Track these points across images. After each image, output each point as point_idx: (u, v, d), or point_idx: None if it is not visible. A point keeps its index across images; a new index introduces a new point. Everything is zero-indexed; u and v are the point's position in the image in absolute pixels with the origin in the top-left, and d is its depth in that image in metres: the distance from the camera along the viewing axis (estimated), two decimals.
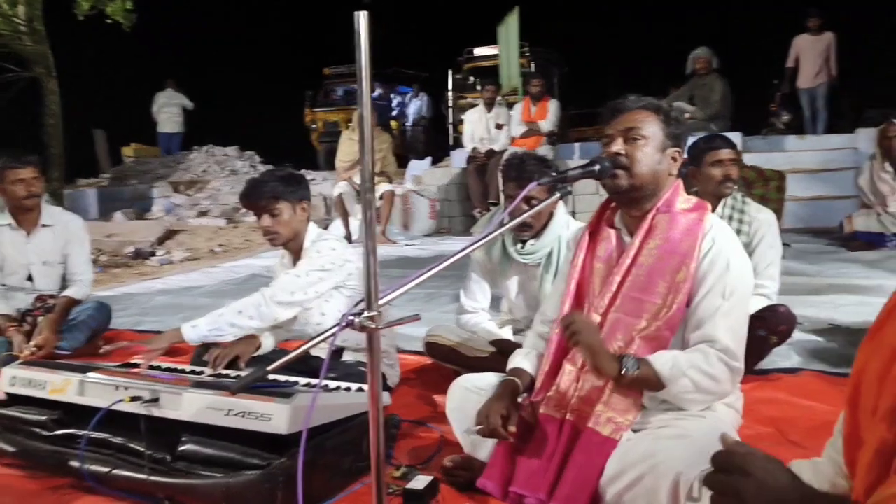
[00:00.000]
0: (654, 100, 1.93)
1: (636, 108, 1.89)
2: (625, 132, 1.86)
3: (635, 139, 1.85)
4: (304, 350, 1.46)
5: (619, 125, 1.88)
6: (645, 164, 1.84)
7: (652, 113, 1.88)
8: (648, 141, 1.85)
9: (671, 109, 1.92)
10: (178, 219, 10.32)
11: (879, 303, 3.41)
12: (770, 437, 2.31)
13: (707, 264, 1.81)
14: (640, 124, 1.86)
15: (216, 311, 2.54)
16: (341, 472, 2.04)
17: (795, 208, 7.25)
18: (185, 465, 1.92)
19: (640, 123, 1.86)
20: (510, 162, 2.62)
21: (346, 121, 15.33)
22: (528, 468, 1.83)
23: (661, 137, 1.87)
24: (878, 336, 1.15)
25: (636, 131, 1.85)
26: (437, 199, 8.60)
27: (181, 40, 19.13)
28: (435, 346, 2.83)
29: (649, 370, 1.72)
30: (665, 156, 1.87)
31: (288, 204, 2.61)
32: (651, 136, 1.86)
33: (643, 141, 1.85)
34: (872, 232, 5.58)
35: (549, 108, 7.97)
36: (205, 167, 13.10)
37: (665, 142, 1.87)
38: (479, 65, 13.95)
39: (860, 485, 1.13)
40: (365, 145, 1.36)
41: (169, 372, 2.40)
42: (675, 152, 1.89)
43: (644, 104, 1.90)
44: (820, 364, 3.01)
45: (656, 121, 1.87)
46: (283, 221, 2.62)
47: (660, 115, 1.88)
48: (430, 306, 4.37)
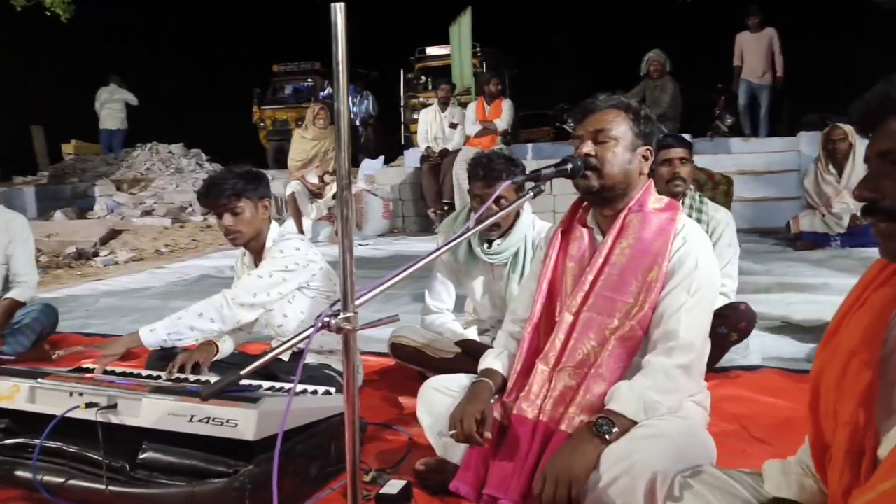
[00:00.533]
0: (623, 98, 1.92)
1: (606, 107, 1.88)
2: (594, 133, 1.86)
3: (605, 141, 1.84)
4: (279, 352, 1.41)
5: (588, 126, 1.87)
6: (615, 165, 1.84)
7: (622, 112, 1.87)
8: (618, 142, 1.85)
9: (641, 107, 1.91)
10: (121, 218, 10.00)
11: (827, 300, 3.52)
12: (735, 433, 2.35)
13: (676, 261, 1.82)
14: (609, 125, 1.85)
15: (174, 314, 2.44)
16: (309, 478, 1.99)
17: (742, 209, 7.41)
18: (146, 474, 1.85)
19: (609, 124, 1.85)
20: (478, 161, 2.59)
21: (295, 119, 15.17)
22: (502, 470, 1.81)
23: (630, 137, 1.86)
24: (833, 342, 1.16)
25: (605, 133, 1.85)
26: (391, 198, 8.54)
27: (125, 34, 18.60)
28: (400, 347, 2.79)
29: (623, 421, 1.71)
30: (636, 155, 1.87)
31: (250, 202, 2.53)
32: (621, 136, 1.85)
33: (613, 142, 1.84)
34: (817, 232, 5.73)
35: (504, 108, 7.99)
36: (149, 165, 12.73)
37: (635, 141, 1.87)
38: (431, 64, 13.95)
39: (835, 490, 1.14)
40: (342, 142, 1.32)
41: (124, 377, 2.30)
42: (646, 150, 1.89)
43: (613, 103, 1.89)
44: (776, 361, 3.07)
45: (626, 120, 1.87)
46: (246, 220, 2.54)
47: (629, 113, 1.88)
48: (389, 307, 4.32)
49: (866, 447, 1.08)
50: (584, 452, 1.67)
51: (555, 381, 1.85)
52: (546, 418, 1.82)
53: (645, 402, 1.72)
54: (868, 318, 1.11)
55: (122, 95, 12.78)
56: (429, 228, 8.30)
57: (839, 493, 1.12)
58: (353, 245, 1.36)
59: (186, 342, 2.45)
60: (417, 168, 8.50)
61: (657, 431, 1.67)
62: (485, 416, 1.82)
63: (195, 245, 8.50)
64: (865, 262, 5.02)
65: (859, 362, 1.08)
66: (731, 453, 2.14)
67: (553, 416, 1.82)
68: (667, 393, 1.75)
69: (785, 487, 1.27)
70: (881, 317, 1.10)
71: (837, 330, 1.17)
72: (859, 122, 1.11)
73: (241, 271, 2.75)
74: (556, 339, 1.89)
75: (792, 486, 1.26)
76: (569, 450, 1.69)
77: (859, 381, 1.08)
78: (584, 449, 1.68)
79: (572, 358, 1.85)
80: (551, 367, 1.87)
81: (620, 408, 1.72)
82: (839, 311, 1.18)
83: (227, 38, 20.59)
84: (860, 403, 1.07)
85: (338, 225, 1.30)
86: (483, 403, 1.86)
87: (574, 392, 1.82)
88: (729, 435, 2.31)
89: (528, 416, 1.84)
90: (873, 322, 1.10)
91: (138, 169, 12.58)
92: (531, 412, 1.84)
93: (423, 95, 13.47)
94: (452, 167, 7.73)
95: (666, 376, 1.75)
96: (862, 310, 1.13)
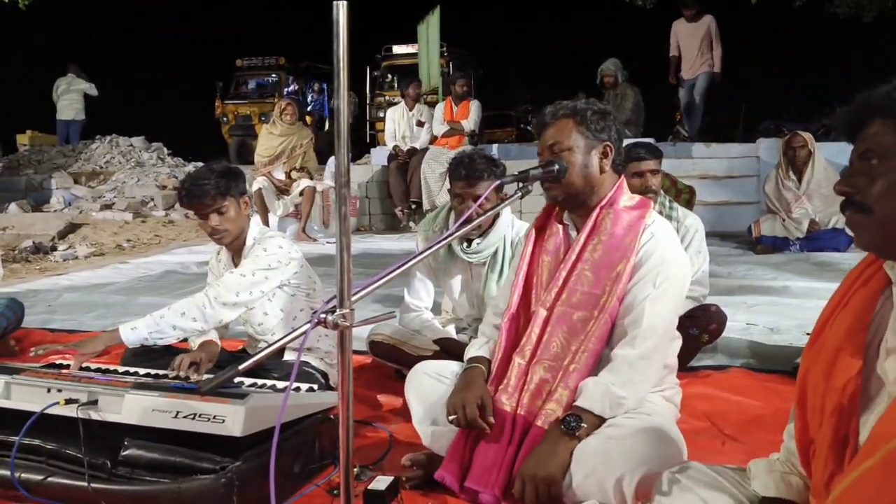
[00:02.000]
0: (568, 104, 1.98)
1: (555, 119, 1.95)
2: (549, 148, 1.93)
3: (559, 153, 1.91)
4: (276, 347, 1.42)
5: (544, 142, 1.96)
6: (572, 174, 1.90)
7: (570, 120, 1.93)
8: (572, 151, 1.91)
9: (588, 107, 1.95)
10: (79, 212, 9.77)
11: (788, 303, 3.62)
12: (706, 430, 2.41)
13: (644, 254, 1.88)
14: (560, 137, 1.92)
15: (156, 312, 2.41)
16: (293, 475, 1.99)
17: (703, 213, 7.55)
18: (128, 471, 1.82)
19: (559, 136, 1.92)
20: (460, 160, 2.61)
21: (258, 114, 15.01)
22: (483, 463, 1.85)
23: (583, 142, 1.92)
24: (819, 342, 1.23)
25: (557, 146, 1.92)
26: (358, 196, 8.51)
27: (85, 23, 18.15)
28: (378, 344, 2.79)
29: (591, 417, 1.77)
30: (592, 156, 1.93)
31: (234, 200, 2.51)
32: (573, 144, 1.91)
33: (567, 153, 1.91)
34: (777, 236, 5.89)
35: (472, 109, 8.02)
36: (108, 158, 12.45)
37: (589, 143, 1.92)
38: (397, 63, 13.95)
39: (818, 480, 1.19)
40: (341, 140, 1.33)
41: (102, 373, 2.27)
42: (605, 147, 1.94)
43: (561, 113, 1.95)
44: (742, 360, 3.16)
45: (575, 126, 1.92)
46: (231, 218, 2.52)
47: (577, 117, 1.93)
48: (359, 305, 4.31)
49: (850, 436, 1.14)
50: (557, 452, 1.74)
51: (531, 374, 1.91)
52: (524, 411, 1.87)
53: (611, 398, 1.78)
54: (851, 316, 1.19)
55: (80, 85, 12.49)
56: (396, 227, 8.30)
57: (822, 483, 1.18)
58: (350, 242, 1.37)
59: (168, 341, 2.42)
60: (384, 166, 8.49)
61: (628, 431, 1.74)
62: (485, 402, 1.86)
63: (158, 240, 8.35)
64: (823, 266, 5.24)
65: (845, 356, 1.15)
66: (704, 450, 2.20)
67: (531, 409, 1.87)
68: (631, 385, 1.81)
69: (772, 486, 1.32)
70: (863, 315, 1.17)
71: (823, 330, 1.23)
72: (844, 130, 1.18)
73: (217, 269, 2.72)
74: (531, 333, 1.94)
75: (779, 485, 1.32)
76: (543, 450, 1.76)
77: (846, 373, 1.14)
78: (557, 448, 1.74)
79: (547, 351, 1.91)
80: (527, 360, 1.93)
81: (587, 404, 1.78)
82: (824, 313, 1.25)
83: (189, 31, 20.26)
84: (846, 394, 1.14)
85: (339, 222, 1.31)
86: (481, 388, 1.90)
87: (550, 386, 1.88)
88: (700, 432, 2.38)
89: (506, 408, 1.89)
90: (855, 320, 1.18)
91: (97, 162, 12.30)
92: (509, 405, 1.89)
93: (389, 94, 13.46)
94: (420, 166, 7.74)
95: (630, 368, 1.82)
96: (845, 309, 1.20)
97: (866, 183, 1.11)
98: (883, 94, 1.09)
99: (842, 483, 1.08)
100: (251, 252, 2.54)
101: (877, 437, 1.04)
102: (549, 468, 1.72)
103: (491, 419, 1.84)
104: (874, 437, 1.05)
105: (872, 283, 1.19)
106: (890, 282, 1.16)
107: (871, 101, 1.10)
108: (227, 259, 2.68)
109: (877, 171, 1.09)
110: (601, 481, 1.67)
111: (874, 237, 1.12)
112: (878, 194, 1.09)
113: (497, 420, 1.88)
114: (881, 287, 1.18)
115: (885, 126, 1.08)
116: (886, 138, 1.08)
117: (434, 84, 10.45)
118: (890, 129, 1.08)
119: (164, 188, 10.63)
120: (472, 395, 1.87)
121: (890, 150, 1.08)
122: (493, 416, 1.85)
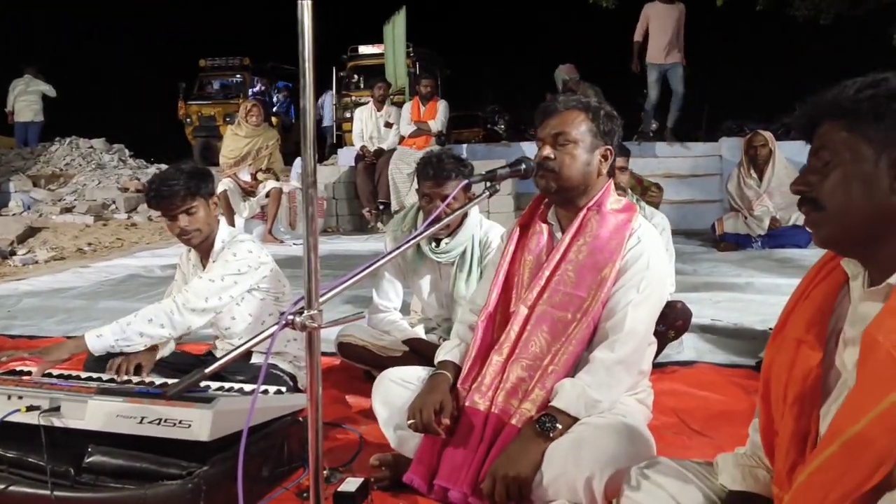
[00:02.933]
0: (583, 98, 1.96)
1: (565, 109, 1.91)
2: (554, 137, 1.89)
3: (564, 144, 1.88)
4: (242, 351, 1.40)
5: (548, 129, 1.91)
6: (574, 168, 1.88)
7: (581, 113, 1.91)
8: (577, 144, 1.88)
9: (601, 107, 1.95)
10: (39, 215, 9.56)
11: (751, 299, 3.67)
12: (674, 426, 2.45)
13: (629, 259, 1.89)
14: (568, 128, 1.88)
15: (123, 318, 2.36)
16: (261, 479, 1.97)
17: (668, 211, 7.65)
18: (92, 478, 1.79)
19: (568, 127, 1.89)
20: (428, 160, 2.61)
21: (223, 115, 14.83)
22: (453, 461, 1.84)
23: (590, 138, 1.90)
24: (782, 335, 1.27)
25: (564, 136, 1.88)
26: (325, 197, 8.45)
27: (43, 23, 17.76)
28: (347, 346, 2.78)
29: (565, 418, 1.78)
30: (595, 156, 1.91)
31: (203, 200, 2.48)
32: (580, 138, 1.89)
33: (572, 145, 1.88)
34: (740, 234, 6.00)
35: (439, 109, 8.02)
36: (68, 160, 12.20)
37: (595, 142, 1.91)
38: (364, 63, 13.89)
39: (781, 469, 1.22)
40: (307, 140, 1.31)
41: (64, 379, 2.22)
42: (606, 150, 1.93)
43: (573, 104, 1.92)
44: (708, 356, 3.21)
45: (585, 121, 1.90)
46: (201, 219, 2.48)
47: (589, 113, 1.91)
48: (328, 306, 4.29)
49: (811, 427, 1.17)
50: (529, 451, 1.74)
51: (508, 372, 1.90)
52: (498, 410, 1.86)
53: (586, 400, 1.79)
54: (812, 309, 1.22)
55: (38, 87, 12.18)
56: (363, 227, 8.26)
57: (784, 472, 1.21)
58: (317, 243, 1.36)
59: (135, 348, 2.37)
60: (352, 167, 8.45)
61: (598, 431, 1.74)
62: (443, 406, 1.86)
63: (120, 244, 8.21)
64: (784, 263, 5.34)
65: (806, 348, 1.19)
66: (673, 445, 2.23)
67: (505, 408, 1.87)
68: (607, 389, 1.82)
69: (739, 479, 1.35)
70: (823, 308, 1.21)
71: (785, 323, 1.26)
72: (800, 131, 1.22)
73: (186, 268, 2.68)
74: (510, 331, 1.93)
75: (745, 478, 1.34)
76: (515, 449, 1.75)
77: (807, 363, 1.18)
78: (529, 448, 1.74)
79: (525, 350, 1.90)
80: (505, 358, 1.92)
81: (563, 405, 1.79)
82: (787, 306, 1.28)
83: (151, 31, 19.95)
84: (806, 384, 1.18)
85: (306, 223, 1.30)
86: (442, 394, 1.89)
87: (527, 385, 1.87)
88: (668, 428, 2.41)
89: (479, 408, 1.88)
90: (816, 313, 1.21)
91: (57, 164, 12.04)
92: (483, 404, 1.88)
93: (355, 94, 13.40)
94: (387, 166, 7.72)
95: (607, 372, 1.82)
96: (807, 302, 1.24)
97: (819, 180, 1.14)
98: (831, 97, 1.14)
99: (804, 471, 1.11)
100: (220, 256, 2.50)
101: (837, 427, 1.07)
102: (519, 467, 1.72)
103: (446, 420, 1.84)
104: (834, 426, 1.08)
105: (832, 279, 1.23)
106: (848, 278, 1.20)
107: (821, 104, 1.15)
108: (196, 260, 2.64)
109: (828, 168, 1.13)
110: (571, 480, 1.67)
111: (829, 232, 1.15)
112: (830, 190, 1.13)
113: (469, 419, 1.87)
114: (840, 282, 1.22)
115: (835, 126, 1.13)
116: (836, 135, 1.12)
117: (401, 84, 10.42)
118: (839, 128, 1.12)
119: (126, 190, 10.46)
120: (431, 400, 1.86)
121: (840, 146, 1.12)
122: (449, 419, 1.85)
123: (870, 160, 1.10)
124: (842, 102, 1.12)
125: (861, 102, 1.10)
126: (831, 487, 1.05)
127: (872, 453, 1.01)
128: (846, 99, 1.12)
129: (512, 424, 1.84)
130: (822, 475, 1.07)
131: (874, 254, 1.13)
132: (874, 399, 1.01)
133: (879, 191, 1.09)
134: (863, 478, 1.02)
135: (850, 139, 1.11)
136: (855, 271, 1.18)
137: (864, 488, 1.03)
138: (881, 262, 1.12)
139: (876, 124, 1.09)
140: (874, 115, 1.09)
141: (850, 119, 1.11)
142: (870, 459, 1.01)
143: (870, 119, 1.09)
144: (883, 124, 1.09)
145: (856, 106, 1.10)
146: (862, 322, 1.11)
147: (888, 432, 1.00)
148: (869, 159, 1.10)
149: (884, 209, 1.09)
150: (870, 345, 1.04)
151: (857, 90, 1.11)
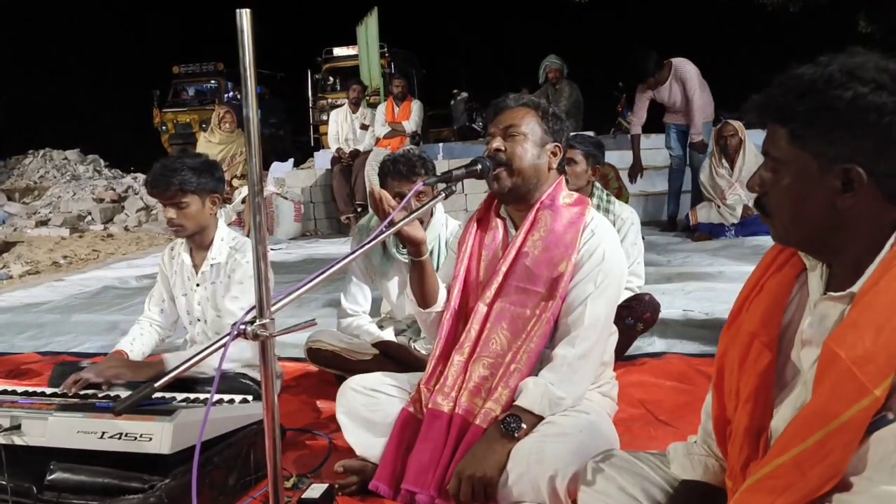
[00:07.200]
0: (533, 98, 2.04)
1: (515, 106, 1.98)
2: (504, 130, 1.94)
3: (514, 136, 1.93)
4: (193, 363, 1.39)
5: (499, 124, 1.96)
6: (525, 160, 1.92)
7: (531, 110, 1.97)
8: (527, 137, 1.93)
9: (550, 107, 2.01)
10: (13, 229, 9.47)
11: (723, 288, 3.70)
12: (641, 417, 2.47)
13: (585, 253, 1.92)
14: (518, 122, 1.94)
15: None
16: (227, 488, 1.96)
17: (643, 203, 7.73)
18: (54, 496, 1.78)
19: (518, 121, 1.94)
20: (396, 159, 2.62)
21: (199, 122, 14.73)
22: (419, 464, 1.85)
23: (539, 133, 1.95)
24: (736, 324, 1.26)
25: (514, 129, 1.93)
26: (302, 201, 8.43)
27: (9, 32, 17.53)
28: (317, 351, 2.77)
29: (530, 417, 1.80)
30: (544, 151, 1.96)
31: (197, 197, 2.47)
32: (529, 132, 1.94)
33: (521, 137, 1.93)
34: (713, 223, 6.05)
35: (413, 109, 8.02)
36: (42, 172, 12.11)
37: (544, 137, 1.96)
38: (339, 65, 13.85)
39: (734, 463, 1.23)
40: (252, 148, 1.32)
41: (26, 396, 2.20)
42: (555, 147, 1.98)
43: (523, 102, 1.99)
44: (678, 346, 3.23)
45: (535, 118, 1.96)
46: (190, 215, 2.47)
47: (538, 111, 1.98)
48: (302, 311, 4.29)
49: (765, 423, 1.18)
50: (495, 451, 1.76)
51: (470, 371, 1.92)
52: (462, 411, 1.88)
53: (550, 398, 1.81)
54: (766, 302, 1.22)
55: None
56: (342, 230, 8.25)
57: (738, 467, 1.21)
58: (267, 251, 1.36)
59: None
60: (328, 170, 8.42)
61: (562, 430, 1.77)
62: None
63: (96, 255, 8.13)
64: (757, 250, 5.38)
65: (759, 344, 1.19)
66: (639, 437, 2.25)
67: (469, 408, 1.88)
68: (570, 385, 1.84)
69: (689, 469, 1.36)
70: (778, 301, 1.21)
71: (739, 313, 1.26)
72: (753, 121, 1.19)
73: (170, 272, 2.67)
74: (470, 330, 1.95)
75: (696, 468, 1.36)
76: (480, 450, 1.77)
77: (759, 361, 1.18)
78: (494, 448, 1.77)
79: (486, 348, 1.92)
80: (466, 357, 1.94)
81: (527, 404, 1.81)
82: (740, 296, 1.28)
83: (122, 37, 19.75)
84: (760, 382, 1.18)
85: (251, 231, 1.30)
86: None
87: (490, 384, 1.89)
88: (636, 419, 2.43)
89: (443, 409, 1.89)
90: (770, 306, 1.21)
91: (31, 177, 11.95)
92: (446, 406, 1.89)
93: (331, 97, 13.36)
94: (364, 168, 7.71)
95: (569, 368, 1.85)
96: (761, 294, 1.23)
97: (771, 180, 1.12)
98: (778, 98, 1.08)
99: (756, 474, 1.11)
100: (235, 264, 2.51)
101: (791, 435, 1.06)
102: (485, 468, 1.74)
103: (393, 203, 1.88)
104: (789, 434, 1.07)
105: (787, 269, 1.22)
106: (804, 267, 1.19)
107: (767, 105, 1.11)
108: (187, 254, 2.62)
109: (777, 173, 1.10)
110: (534, 479, 1.69)
111: (781, 237, 1.16)
112: (776, 202, 1.12)
113: (433, 421, 1.88)
114: (796, 273, 1.21)
115: (780, 131, 1.09)
116: (782, 142, 1.08)
117: (376, 85, 10.42)
118: (784, 136, 1.08)
119: (102, 201, 10.38)
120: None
121: (785, 155, 1.08)
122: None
123: (814, 175, 1.05)
124: (783, 110, 1.07)
125: (805, 114, 1.04)
126: (780, 493, 1.05)
127: (825, 466, 1.01)
128: (788, 107, 1.06)
129: (476, 425, 1.85)
130: (773, 481, 1.07)
131: (832, 258, 1.12)
132: (831, 414, 1.00)
133: (824, 205, 1.05)
134: (814, 488, 1.02)
135: (793, 152, 1.07)
136: (812, 263, 1.16)
137: (814, 496, 1.03)
138: (841, 265, 1.10)
139: (819, 138, 1.04)
140: (817, 131, 1.04)
141: (795, 128, 1.06)
142: (822, 471, 1.01)
143: (813, 133, 1.04)
144: (826, 138, 1.03)
145: (799, 117, 1.05)
146: (820, 322, 1.10)
147: (842, 447, 0.99)
148: (813, 174, 1.05)
149: (833, 221, 1.06)
150: (830, 359, 1.02)
151: (800, 94, 1.04)
